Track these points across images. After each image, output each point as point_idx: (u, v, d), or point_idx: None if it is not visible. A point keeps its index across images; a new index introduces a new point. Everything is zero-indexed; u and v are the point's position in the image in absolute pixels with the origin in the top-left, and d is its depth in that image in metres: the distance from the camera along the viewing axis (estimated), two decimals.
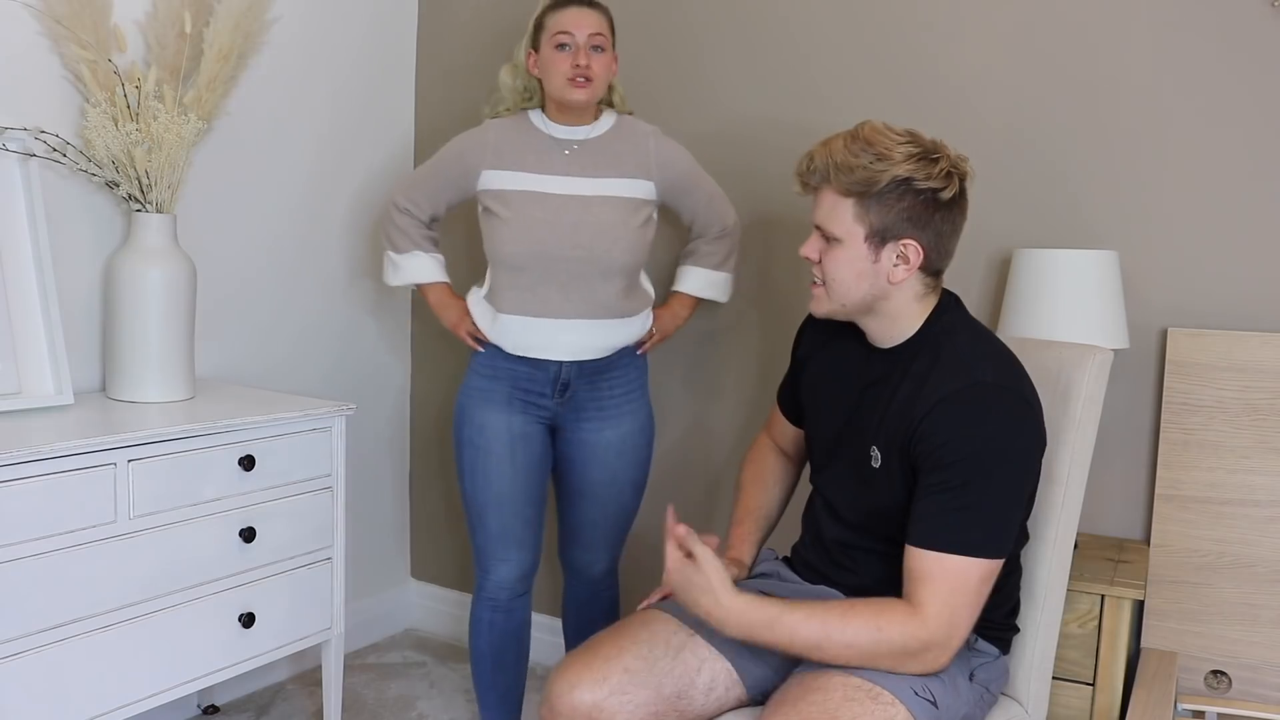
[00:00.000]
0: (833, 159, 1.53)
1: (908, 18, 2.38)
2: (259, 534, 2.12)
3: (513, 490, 2.21)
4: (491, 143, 2.19)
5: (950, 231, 1.56)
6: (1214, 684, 2.12)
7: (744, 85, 2.56)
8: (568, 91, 2.12)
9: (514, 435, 2.20)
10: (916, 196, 1.51)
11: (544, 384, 2.19)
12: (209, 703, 2.59)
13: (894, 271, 1.54)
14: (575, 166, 2.16)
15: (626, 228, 2.15)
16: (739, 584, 1.75)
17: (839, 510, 1.69)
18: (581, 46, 2.10)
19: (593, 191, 2.15)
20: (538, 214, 2.12)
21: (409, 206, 2.27)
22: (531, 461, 2.22)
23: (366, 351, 2.94)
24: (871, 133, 1.52)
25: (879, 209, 1.51)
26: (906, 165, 1.49)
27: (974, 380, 1.50)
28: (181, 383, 2.21)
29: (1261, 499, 2.08)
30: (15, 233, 2.07)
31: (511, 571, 2.25)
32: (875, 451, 1.59)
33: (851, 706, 1.43)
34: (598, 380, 2.22)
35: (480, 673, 2.32)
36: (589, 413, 2.23)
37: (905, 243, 1.53)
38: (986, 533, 1.48)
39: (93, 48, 2.12)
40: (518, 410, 2.21)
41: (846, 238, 1.55)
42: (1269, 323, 2.11)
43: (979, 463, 1.47)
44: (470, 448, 2.22)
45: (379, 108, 2.88)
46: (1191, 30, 2.13)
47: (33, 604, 1.78)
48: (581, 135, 2.19)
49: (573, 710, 1.56)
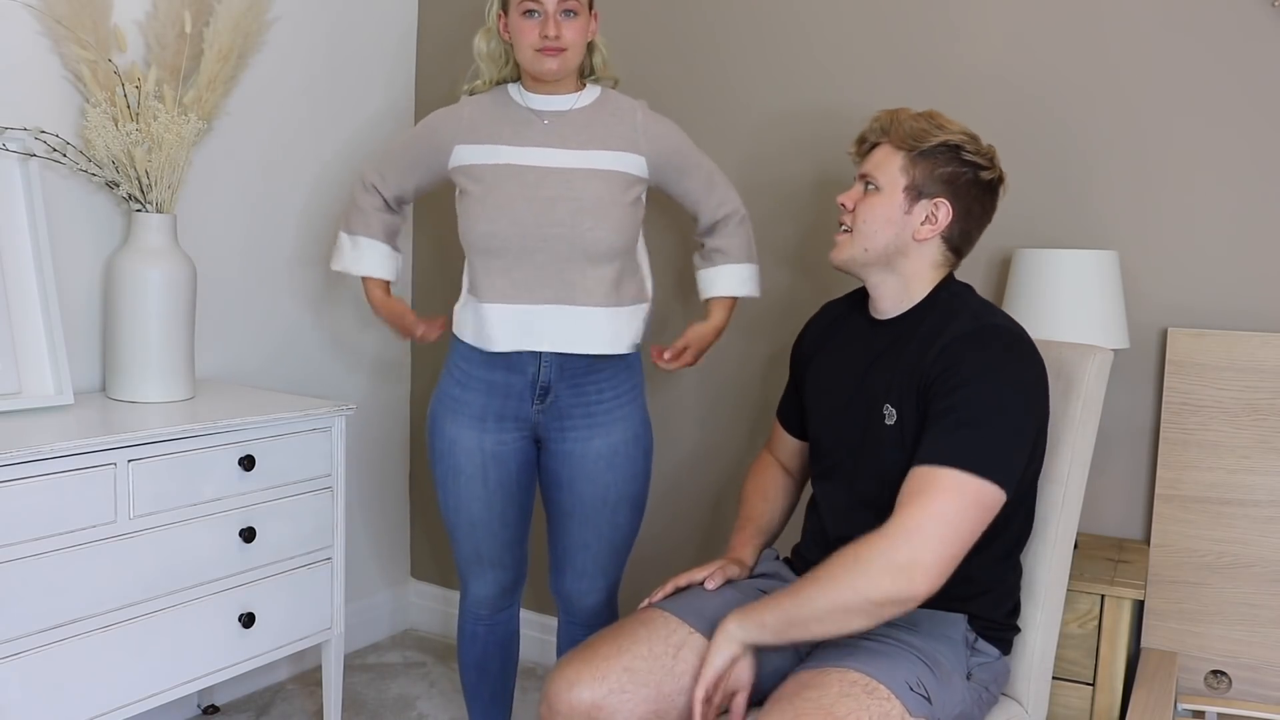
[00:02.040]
0: (897, 118, 1.67)
1: (907, 18, 2.38)
2: (259, 534, 2.12)
3: (486, 515, 2.07)
4: (466, 116, 2.03)
5: (980, 213, 1.66)
6: (1214, 684, 2.12)
7: (757, 81, 2.56)
8: (538, 62, 1.95)
9: (486, 455, 2.03)
10: (961, 165, 1.63)
11: (522, 389, 2.01)
12: (209, 703, 2.59)
13: (920, 229, 1.64)
14: (555, 137, 1.98)
15: (615, 204, 1.96)
16: (737, 583, 1.77)
17: (845, 479, 1.69)
18: (550, 14, 1.91)
19: (575, 164, 1.96)
20: (513, 188, 1.95)
21: (375, 182, 2.11)
22: (507, 482, 2.06)
23: (366, 351, 2.94)
24: (935, 113, 1.67)
25: (924, 165, 1.63)
26: (960, 136, 1.64)
27: (986, 324, 1.58)
28: (181, 383, 2.21)
29: (1261, 499, 2.08)
30: (15, 233, 2.07)
31: (489, 589, 2.15)
32: (888, 409, 1.61)
33: (847, 702, 1.43)
34: (583, 384, 2.02)
35: (466, 680, 2.26)
36: (574, 420, 2.03)
37: (938, 201, 1.63)
38: (985, 451, 1.48)
39: (93, 48, 2.12)
40: (491, 428, 2.02)
41: (887, 187, 1.65)
42: (1269, 323, 2.11)
43: (984, 387, 1.51)
44: (441, 463, 2.07)
45: (379, 107, 2.88)
46: (1192, 30, 2.13)
47: (33, 604, 1.78)
48: (562, 106, 2.01)
49: (572, 709, 1.56)
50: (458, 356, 2.06)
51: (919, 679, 1.49)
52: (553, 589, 2.18)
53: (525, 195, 1.95)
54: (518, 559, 2.16)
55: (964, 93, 2.33)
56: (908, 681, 1.48)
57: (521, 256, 1.95)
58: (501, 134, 2.00)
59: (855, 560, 1.46)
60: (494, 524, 2.08)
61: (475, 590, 2.16)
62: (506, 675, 2.28)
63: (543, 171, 1.96)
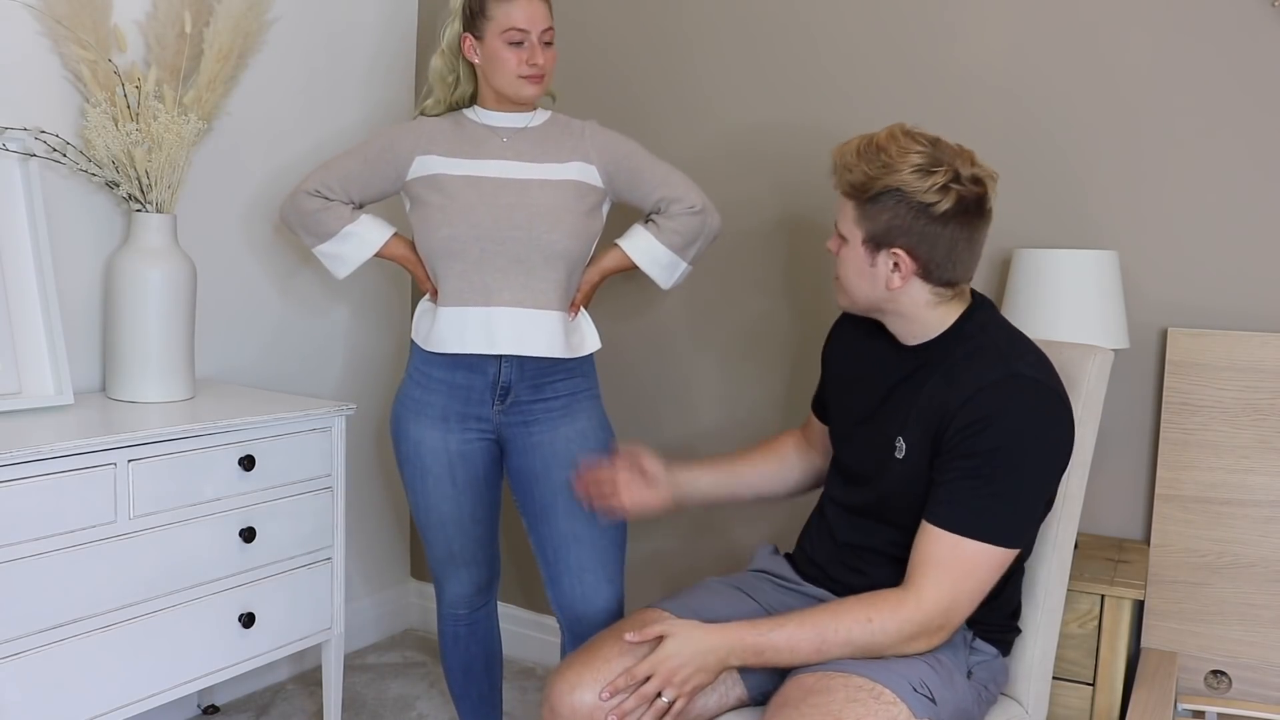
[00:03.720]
0: (842, 159, 1.56)
1: (905, 19, 2.38)
2: (259, 534, 2.12)
3: (457, 512, 2.09)
4: (426, 131, 2.08)
5: (951, 244, 1.53)
6: (1214, 684, 2.12)
7: (742, 90, 2.56)
8: (520, 87, 2.02)
9: (451, 455, 2.06)
10: (907, 207, 1.51)
11: (483, 390, 2.03)
12: (209, 703, 2.59)
13: (890, 278, 1.55)
14: (511, 152, 2.05)
15: (569, 212, 2.01)
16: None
17: (854, 494, 1.69)
18: (536, 44, 2.00)
19: (531, 175, 2.03)
20: (473, 196, 2.00)
21: (320, 189, 2.09)
22: (474, 479, 2.08)
23: (366, 351, 2.94)
24: (888, 139, 1.53)
25: (872, 214, 1.53)
26: (903, 175, 1.50)
27: (1014, 372, 1.51)
28: (181, 383, 2.21)
29: (1261, 499, 2.08)
30: (15, 233, 2.07)
31: (464, 588, 2.17)
32: (900, 442, 1.59)
33: (855, 708, 1.43)
34: (541, 384, 2.04)
35: (453, 684, 2.28)
36: (535, 414, 2.05)
37: (895, 251, 1.53)
38: (1009, 522, 1.50)
39: (93, 48, 2.12)
40: (455, 429, 2.05)
41: (850, 238, 1.58)
42: (1269, 323, 2.11)
43: (1013, 453, 1.48)
44: (409, 465, 2.10)
45: (379, 107, 2.88)
46: (1191, 30, 2.13)
47: (33, 604, 1.78)
48: (519, 124, 2.08)
49: (573, 711, 1.56)
50: (418, 360, 2.09)
51: (922, 680, 1.49)
52: (554, 604, 2.12)
53: (484, 202, 2.00)
54: (490, 556, 2.19)
55: (963, 94, 2.33)
56: (911, 683, 1.48)
57: (481, 260, 1.99)
58: (462, 148, 2.06)
59: (868, 622, 1.49)
60: (464, 521, 2.11)
61: (451, 590, 2.19)
62: (492, 674, 2.29)
63: (501, 182, 2.02)
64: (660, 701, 1.53)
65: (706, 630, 1.54)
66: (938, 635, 1.51)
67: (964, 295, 1.61)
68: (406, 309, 3.04)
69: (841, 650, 1.50)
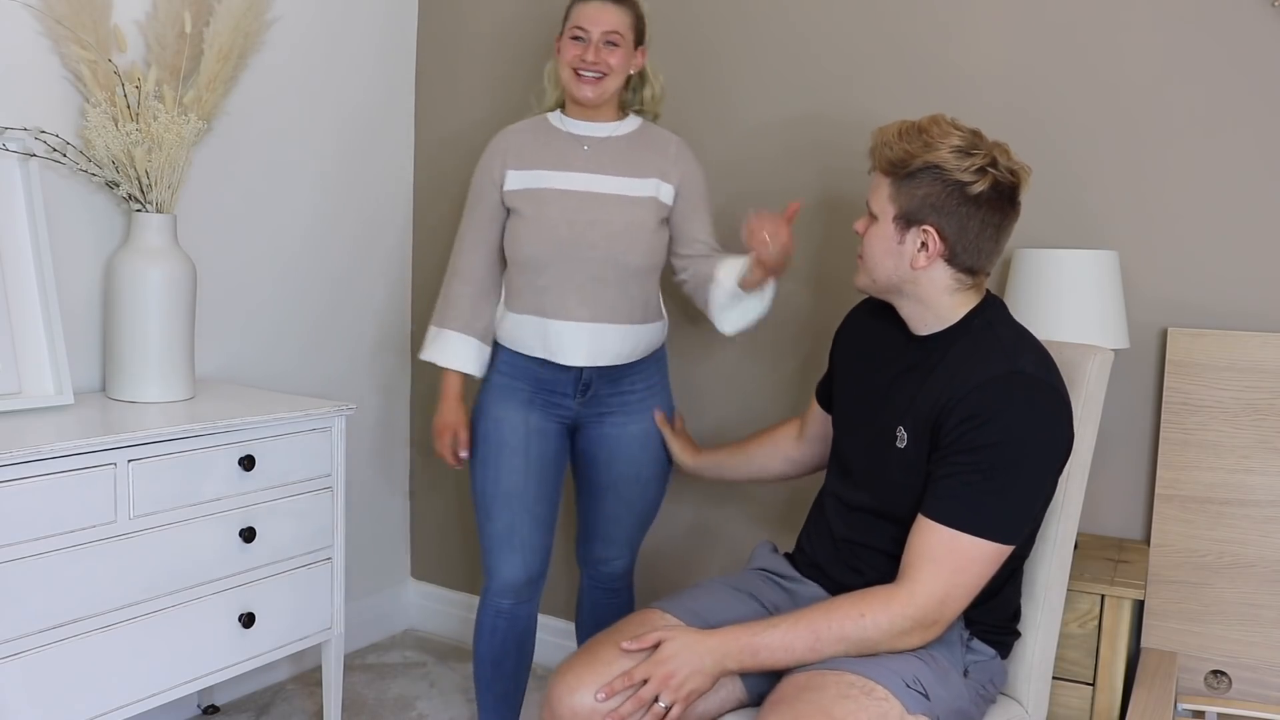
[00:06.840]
0: (882, 138, 1.60)
1: (906, 21, 2.38)
2: (259, 534, 2.12)
3: (524, 486, 2.17)
4: (511, 146, 2.18)
5: (980, 226, 1.56)
6: (1214, 684, 2.12)
7: (762, 89, 2.57)
8: (574, 86, 2.10)
9: (530, 430, 2.17)
10: (944, 185, 1.54)
11: (566, 385, 2.17)
12: (209, 703, 2.59)
13: (916, 257, 1.58)
14: (593, 163, 2.13)
15: (644, 229, 2.12)
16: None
17: (855, 483, 1.69)
18: (594, 42, 2.07)
19: (612, 190, 2.12)
20: (555, 212, 2.10)
21: (463, 267, 2.21)
22: (546, 458, 2.19)
23: (366, 351, 2.94)
24: (930, 122, 1.58)
25: (908, 191, 1.57)
26: (942, 154, 1.54)
27: (1016, 368, 1.52)
28: (181, 382, 2.21)
29: (1261, 499, 2.08)
30: (15, 233, 2.07)
31: (516, 575, 2.21)
32: (902, 431, 1.60)
33: (846, 704, 1.44)
34: (619, 380, 2.19)
35: (480, 674, 2.30)
36: (611, 408, 2.20)
37: (926, 229, 1.56)
38: (1006, 518, 1.50)
39: (93, 48, 2.12)
40: (537, 409, 2.18)
41: (881, 215, 1.61)
42: (1269, 323, 2.11)
43: (1012, 449, 1.49)
44: (484, 442, 2.19)
45: (379, 107, 2.88)
46: (1192, 30, 2.13)
47: (33, 604, 1.78)
48: (601, 133, 2.16)
49: (573, 713, 1.56)
50: (505, 355, 2.21)
51: (915, 676, 1.50)
52: (580, 556, 2.37)
53: (567, 218, 2.10)
54: (544, 544, 2.24)
55: (963, 94, 2.33)
56: (904, 679, 1.48)
57: (561, 275, 2.10)
58: (544, 158, 2.15)
59: (861, 617, 1.50)
60: (529, 496, 2.18)
61: (503, 574, 2.21)
62: (519, 674, 2.32)
63: (582, 196, 2.11)
64: (658, 706, 1.53)
65: (703, 635, 1.55)
66: (931, 630, 1.51)
67: (980, 289, 1.63)
68: (407, 309, 3.04)
69: (836, 648, 1.50)
